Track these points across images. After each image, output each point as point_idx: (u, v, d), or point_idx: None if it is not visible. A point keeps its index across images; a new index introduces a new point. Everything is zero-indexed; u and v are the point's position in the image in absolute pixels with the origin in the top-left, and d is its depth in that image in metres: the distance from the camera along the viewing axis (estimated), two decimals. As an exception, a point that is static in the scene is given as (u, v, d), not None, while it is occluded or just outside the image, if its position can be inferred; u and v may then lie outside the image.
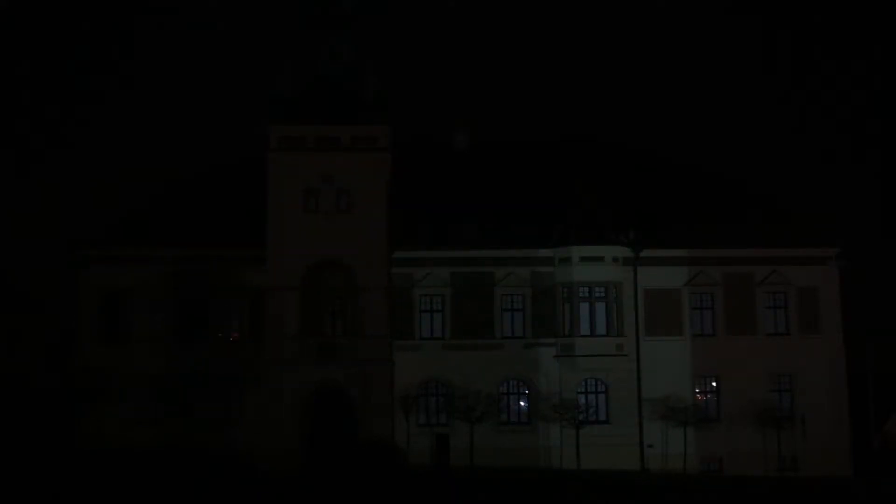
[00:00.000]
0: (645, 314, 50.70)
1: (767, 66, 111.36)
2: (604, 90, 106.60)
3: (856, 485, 42.19)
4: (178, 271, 50.03)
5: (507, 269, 50.63)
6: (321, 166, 48.32)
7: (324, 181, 48.37)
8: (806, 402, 50.24)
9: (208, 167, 54.65)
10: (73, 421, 48.18)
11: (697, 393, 50.80)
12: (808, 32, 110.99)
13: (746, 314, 51.19)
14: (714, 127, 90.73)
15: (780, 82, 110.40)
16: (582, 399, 49.41)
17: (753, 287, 51.41)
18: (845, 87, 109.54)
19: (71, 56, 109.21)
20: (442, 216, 51.07)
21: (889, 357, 56.20)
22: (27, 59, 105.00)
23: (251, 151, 51.18)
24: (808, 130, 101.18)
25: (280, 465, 43.02)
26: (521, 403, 50.50)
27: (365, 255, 47.84)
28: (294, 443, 45.90)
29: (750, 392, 50.08)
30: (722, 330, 51.11)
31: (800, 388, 50.65)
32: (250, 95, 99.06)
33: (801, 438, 49.55)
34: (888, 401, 54.66)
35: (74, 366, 49.11)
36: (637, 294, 50.67)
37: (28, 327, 58.30)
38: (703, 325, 51.27)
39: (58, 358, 53.98)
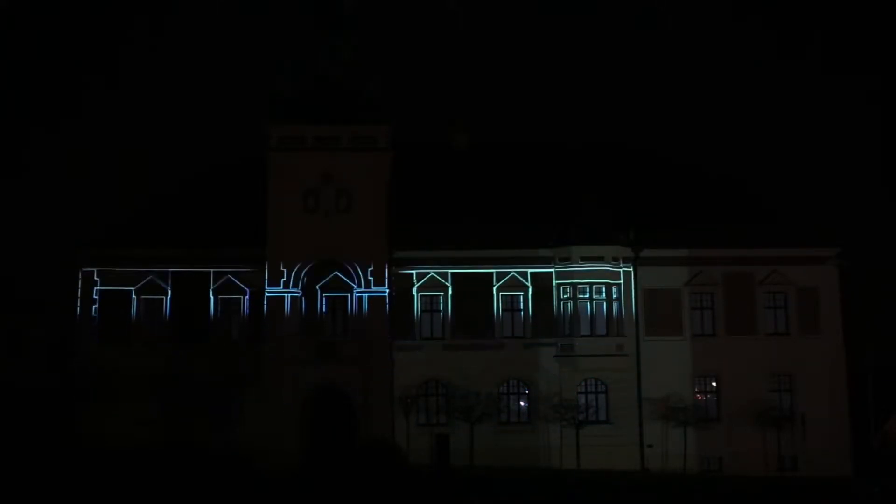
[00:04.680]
0: (645, 314, 50.70)
1: (767, 66, 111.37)
2: (604, 91, 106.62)
3: (856, 485, 42.18)
4: (178, 271, 50.04)
5: (507, 269, 50.61)
6: (321, 166, 48.40)
7: (324, 181, 48.46)
8: (806, 402, 50.24)
9: (208, 167, 54.70)
10: (73, 421, 48.17)
11: (697, 393, 50.79)
12: (807, 32, 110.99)
13: (746, 314, 51.17)
14: (714, 127, 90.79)
15: (780, 82, 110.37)
16: (582, 399, 49.40)
17: (753, 287, 51.40)
18: (845, 87, 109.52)
19: (70, 55, 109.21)
20: (442, 216, 51.08)
21: (889, 357, 56.25)
22: (26, 59, 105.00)
23: (251, 151, 51.28)
24: (808, 130, 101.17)
25: (280, 465, 43.01)
26: (521, 403, 50.48)
27: (365, 255, 47.88)
28: (294, 443, 45.94)
29: (750, 392, 50.07)
30: (722, 330, 51.10)
31: (800, 388, 50.64)
32: (250, 95, 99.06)
33: (801, 438, 49.57)
34: (888, 401, 54.70)
35: (74, 366, 49.11)
36: (637, 294, 50.67)
37: (28, 327, 58.29)
38: (703, 325, 51.25)
39: (58, 358, 53.99)
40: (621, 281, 50.30)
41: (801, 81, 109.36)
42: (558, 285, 50.29)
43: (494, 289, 50.56)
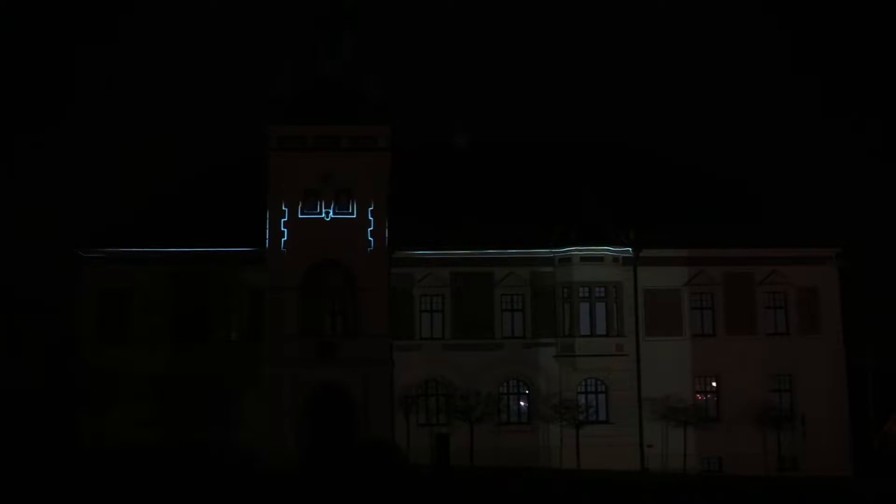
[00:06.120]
0: (645, 314, 50.68)
1: (767, 66, 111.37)
2: (604, 91, 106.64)
3: (856, 485, 42.19)
4: (178, 271, 49.98)
5: (507, 269, 50.60)
6: (321, 166, 48.35)
7: (324, 181, 48.40)
8: (806, 402, 50.24)
9: (208, 167, 54.67)
10: (73, 421, 48.15)
11: (697, 393, 50.77)
12: (807, 32, 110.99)
13: (746, 314, 51.16)
14: (714, 127, 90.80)
15: (780, 82, 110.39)
16: (582, 399, 49.38)
17: (753, 287, 51.39)
18: (845, 87, 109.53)
19: (71, 55, 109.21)
20: (442, 216, 51.06)
21: (889, 357, 56.28)
22: (26, 59, 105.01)
23: (251, 151, 51.24)
24: (808, 130, 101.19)
25: (280, 465, 43.01)
26: (521, 403, 50.47)
27: (365, 255, 47.89)
28: (294, 442, 45.92)
29: (750, 392, 50.08)
30: (722, 330, 51.09)
31: (800, 388, 50.64)
32: (250, 95, 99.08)
33: (801, 438, 49.59)
34: (888, 401, 54.72)
35: (74, 366, 49.06)
36: (637, 294, 50.65)
37: (28, 327, 58.27)
38: (703, 325, 51.23)
39: (57, 358, 53.96)
40: (621, 281, 50.28)
41: (801, 81, 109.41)
42: (558, 285, 50.28)
43: (494, 289, 50.55)
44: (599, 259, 50.00)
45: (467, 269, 50.49)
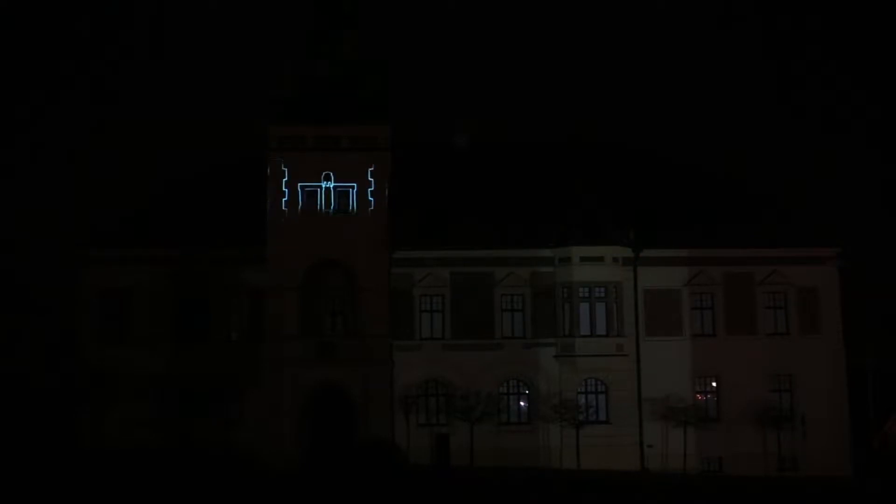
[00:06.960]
0: (645, 314, 50.66)
1: (767, 66, 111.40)
2: (604, 91, 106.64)
3: (856, 485, 42.20)
4: (178, 271, 49.97)
5: (507, 269, 50.58)
6: (321, 166, 48.37)
7: (324, 181, 48.42)
8: (806, 402, 50.23)
9: (208, 167, 54.61)
10: (73, 421, 48.14)
11: (697, 393, 50.76)
12: (808, 32, 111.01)
13: (746, 314, 51.15)
14: (714, 127, 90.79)
15: (780, 82, 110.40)
16: (582, 399, 49.37)
17: (753, 287, 51.39)
18: (845, 87, 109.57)
19: (71, 55, 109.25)
20: (442, 216, 51.05)
21: (889, 357, 56.29)
22: (27, 58, 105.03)
23: (251, 151, 51.19)
24: (807, 130, 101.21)
25: (280, 465, 43.02)
26: (521, 403, 50.46)
27: (365, 255, 47.89)
28: (294, 442, 45.93)
29: (750, 392, 50.07)
30: (722, 330, 51.07)
31: (800, 388, 50.64)
32: (250, 95, 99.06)
33: (801, 438, 49.58)
34: (888, 401, 54.74)
35: (74, 366, 49.05)
36: (637, 294, 50.63)
37: (28, 327, 58.28)
38: (703, 325, 51.22)
39: (58, 358, 53.94)
40: (621, 281, 50.26)
41: (802, 81, 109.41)
42: (558, 285, 50.27)
43: (494, 289, 50.54)
44: (599, 259, 49.97)
45: (467, 269, 50.46)
